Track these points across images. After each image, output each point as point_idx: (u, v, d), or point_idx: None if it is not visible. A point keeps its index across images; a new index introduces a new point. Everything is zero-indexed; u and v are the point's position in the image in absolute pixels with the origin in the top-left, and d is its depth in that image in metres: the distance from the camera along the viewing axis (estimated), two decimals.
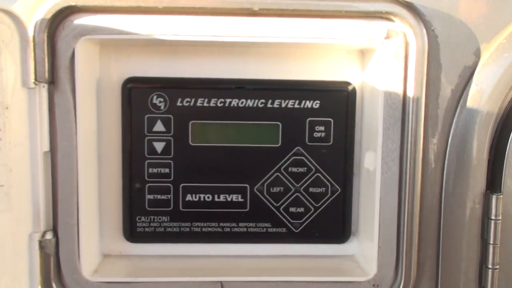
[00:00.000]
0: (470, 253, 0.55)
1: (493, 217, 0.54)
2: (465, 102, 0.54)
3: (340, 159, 0.58)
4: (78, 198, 0.53)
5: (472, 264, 0.56)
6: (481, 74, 0.54)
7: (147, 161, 0.57)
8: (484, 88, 0.54)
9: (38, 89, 0.51)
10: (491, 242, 0.54)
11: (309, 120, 0.58)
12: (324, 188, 0.59)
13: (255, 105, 0.57)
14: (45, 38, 0.50)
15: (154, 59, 0.57)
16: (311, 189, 0.59)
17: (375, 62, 0.55)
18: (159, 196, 0.58)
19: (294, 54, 0.58)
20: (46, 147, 0.52)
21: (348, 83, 0.58)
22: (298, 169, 0.58)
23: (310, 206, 0.59)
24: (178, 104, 0.57)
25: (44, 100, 0.51)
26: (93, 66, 0.55)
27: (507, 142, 0.54)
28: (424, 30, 0.53)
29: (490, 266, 0.55)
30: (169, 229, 0.59)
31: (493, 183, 0.55)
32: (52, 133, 0.52)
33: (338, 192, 0.59)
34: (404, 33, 0.53)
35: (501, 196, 0.54)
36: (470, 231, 0.55)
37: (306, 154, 0.58)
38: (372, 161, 0.55)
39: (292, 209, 0.59)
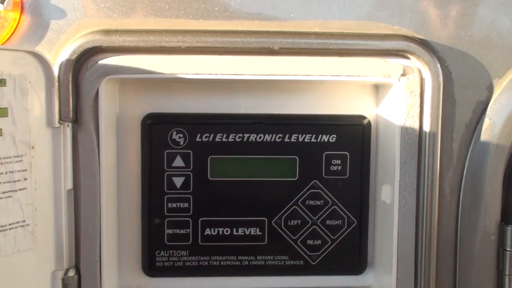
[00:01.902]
0: (486, 285, 0.56)
1: (508, 249, 0.55)
2: (478, 136, 0.56)
3: (356, 191, 0.59)
4: (101, 235, 0.53)
5: None
6: (494, 108, 0.55)
7: (166, 196, 0.58)
8: (497, 122, 0.55)
9: (62, 128, 0.51)
10: (507, 273, 0.55)
11: (326, 154, 0.59)
12: (340, 221, 0.59)
13: (272, 139, 0.58)
14: (70, 78, 0.51)
15: (173, 96, 0.58)
16: (328, 222, 0.59)
17: (390, 98, 0.56)
18: (178, 231, 0.58)
19: (309, 89, 0.59)
20: (69, 185, 0.52)
21: (364, 117, 0.59)
22: (315, 202, 0.59)
23: (327, 239, 0.60)
24: (197, 139, 0.57)
25: (68, 139, 0.52)
26: (114, 103, 0.56)
27: None
28: (439, 66, 0.54)
29: None
30: (188, 263, 0.59)
31: (508, 215, 0.56)
32: (75, 171, 0.53)
33: (355, 224, 0.60)
34: (419, 69, 0.54)
35: None
36: (486, 263, 0.56)
37: (322, 187, 0.59)
38: (389, 194, 0.56)
39: (309, 242, 0.60)
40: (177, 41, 0.52)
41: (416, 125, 0.54)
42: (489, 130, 0.55)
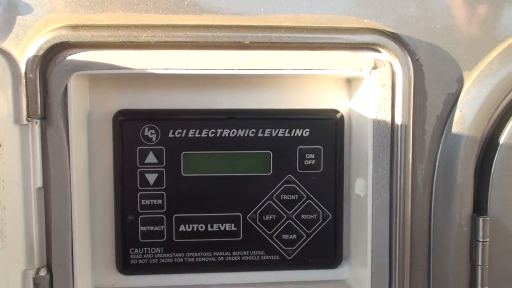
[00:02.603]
0: (459, 275, 0.57)
1: (480, 239, 0.56)
2: (450, 128, 0.56)
3: (330, 185, 0.59)
4: (73, 234, 0.53)
5: (462, 286, 0.57)
6: (465, 100, 0.56)
7: (139, 193, 0.57)
8: (467, 114, 0.56)
9: (30, 126, 0.51)
10: (480, 263, 0.56)
11: (300, 148, 0.58)
12: (315, 215, 0.60)
13: (246, 134, 0.58)
14: (38, 74, 0.50)
15: (144, 91, 0.57)
16: (303, 216, 0.59)
17: (362, 91, 0.56)
18: (152, 228, 0.58)
19: (282, 84, 0.59)
20: (39, 183, 0.52)
21: (337, 111, 0.59)
22: (289, 197, 0.59)
23: (302, 233, 0.60)
24: (170, 135, 0.57)
25: (37, 136, 0.51)
26: (84, 100, 0.56)
27: (492, 166, 0.56)
28: (410, 59, 0.54)
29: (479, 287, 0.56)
30: (163, 260, 0.59)
31: (480, 206, 0.56)
32: (45, 169, 0.52)
33: (330, 218, 0.60)
34: (390, 63, 0.54)
35: (488, 218, 0.55)
36: (459, 254, 0.57)
37: (297, 182, 0.59)
38: (363, 187, 0.56)
39: (284, 236, 0.59)
40: (147, 36, 0.51)
41: (388, 118, 0.54)
42: (460, 122, 0.56)
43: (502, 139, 0.56)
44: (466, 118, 0.56)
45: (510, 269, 0.56)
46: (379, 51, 0.55)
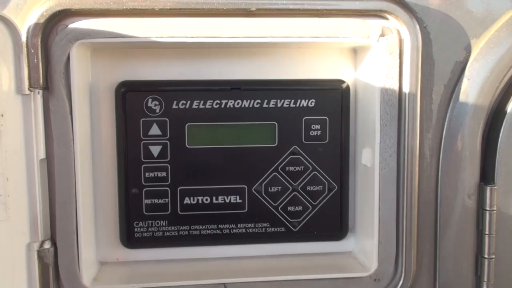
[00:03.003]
0: (466, 244, 0.57)
1: (488, 208, 0.56)
2: (457, 96, 0.56)
3: (336, 156, 0.59)
4: (77, 205, 0.52)
5: (469, 255, 0.57)
6: (472, 68, 0.55)
7: (143, 165, 0.57)
8: (475, 82, 0.55)
9: (32, 96, 0.50)
10: (487, 232, 0.56)
11: (305, 119, 0.58)
12: (321, 186, 0.59)
13: (251, 105, 0.57)
14: (39, 43, 0.49)
15: (147, 62, 0.56)
16: (308, 188, 0.59)
17: (369, 60, 0.56)
18: (156, 201, 0.57)
19: (287, 54, 0.58)
20: (42, 154, 0.51)
21: (342, 81, 0.58)
22: (295, 168, 0.58)
23: (308, 205, 0.59)
24: (174, 106, 0.56)
25: (39, 106, 0.50)
26: (86, 70, 0.55)
27: (499, 134, 0.55)
28: (418, 27, 0.54)
29: (486, 256, 0.56)
30: (168, 233, 0.58)
31: (487, 175, 0.56)
32: (48, 140, 0.51)
33: (335, 189, 0.59)
34: (398, 30, 0.54)
35: (495, 187, 0.55)
36: (465, 223, 0.57)
37: (302, 153, 0.58)
38: (370, 157, 0.56)
39: (290, 208, 0.59)
40: (151, 3, 0.50)
41: (395, 87, 0.54)
42: (467, 90, 0.55)
43: (510, 108, 0.55)
44: (473, 86, 0.55)
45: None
46: (387, 18, 0.54)
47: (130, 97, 0.56)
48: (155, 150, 0.57)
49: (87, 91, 0.55)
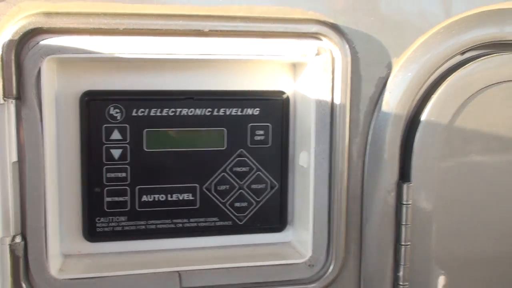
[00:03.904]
0: (387, 234, 0.66)
1: (404, 202, 0.65)
2: (380, 107, 0.65)
3: (277, 158, 0.67)
4: (45, 204, 0.57)
5: (389, 242, 0.67)
6: (393, 83, 0.65)
7: (105, 166, 0.63)
8: (395, 94, 0.64)
9: (6, 105, 0.55)
10: (403, 223, 0.65)
11: (250, 125, 0.66)
12: (264, 185, 0.67)
13: (202, 113, 0.64)
14: (13, 57, 0.54)
15: (109, 74, 0.62)
16: (253, 186, 0.67)
17: (306, 75, 0.64)
18: (117, 198, 0.63)
19: (236, 68, 0.66)
20: (14, 157, 0.56)
21: (283, 92, 0.66)
22: (241, 169, 0.66)
23: (252, 201, 0.67)
24: (133, 114, 0.62)
25: (12, 114, 0.55)
26: (53, 81, 0.60)
27: (414, 139, 0.65)
28: (347, 47, 0.62)
29: (403, 243, 0.66)
30: (127, 228, 0.64)
31: (404, 174, 0.66)
32: (19, 144, 0.56)
33: (276, 187, 0.67)
34: (330, 50, 0.62)
35: (411, 184, 0.65)
36: (386, 215, 0.66)
37: (248, 155, 0.66)
38: (306, 159, 0.64)
39: (237, 204, 0.67)
40: (115, 24, 0.56)
41: (328, 99, 0.62)
42: (389, 102, 0.65)
43: (423, 117, 0.65)
44: (393, 99, 0.65)
45: (429, 226, 0.66)
46: (321, 39, 0.62)
47: (94, 105, 0.61)
48: (116, 153, 0.63)
49: (54, 100, 0.60)
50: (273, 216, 0.68)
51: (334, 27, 0.62)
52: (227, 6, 0.59)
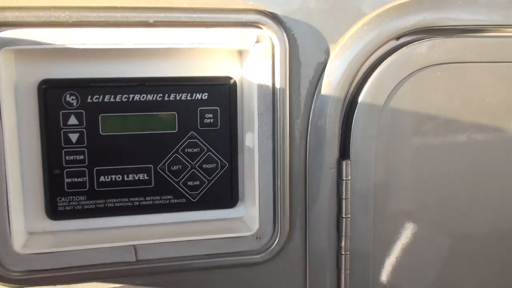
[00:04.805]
0: (329, 207, 0.72)
1: (344, 178, 0.70)
2: (320, 89, 0.70)
3: (226, 139, 0.72)
4: (7, 186, 0.62)
5: (331, 215, 0.72)
6: (331, 67, 0.69)
7: (64, 150, 0.68)
8: (333, 79, 0.69)
9: None
10: (343, 197, 0.71)
11: (200, 109, 0.70)
12: (214, 164, 0.72)
13: (154, 98, 0.69)
14: None
15: (65, 63, 0.67)
16: (204, 165, 0.72)
17: (249, 61, 0.69)
18: (76, 179, 0.68)
19: (185, 55, 0.70)
20: None
21: (230, 78, 0.71)
22: (192, 150, 0.71)
23: (204, 179, 0.72)
24: (89, 100, 0.67)
25: None
26: (11, 71, 0.65)
27: (352, 121, 0.70)
28: (285, 35, 0.67)
29: (343, 216, 0.71)
30: (86, 207, 0.69)
31: (344, 152, 0.71)
32: None
33: (226, 166, 0.72)
34: (270, 38, 0.67)
35: (349, 161, 0.70)
36: (328, 190, 0.71)
37: (198, 137, 0.71)
38: (252, 140, 0.69)
39: (189, 183, 0.72)
40: (64, 16, 0.61)
41: (269, 83, 0.67)
42: (327, 85, 0.69)
43: (360, 99, 0.70)
44: (332, 82, 0.69)
45: (366, 200, 0.71)
46: (261, 28, 0.67)
47: (51, 93, 0.66)
48: (74, 137, 0.68)
49: (13, 89, 0.65)
50: (224, 193, 0.73)
51: (273, 17, 0.67)
52: None
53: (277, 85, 0.67)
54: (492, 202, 0.78)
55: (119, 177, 0.70)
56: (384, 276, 0.75)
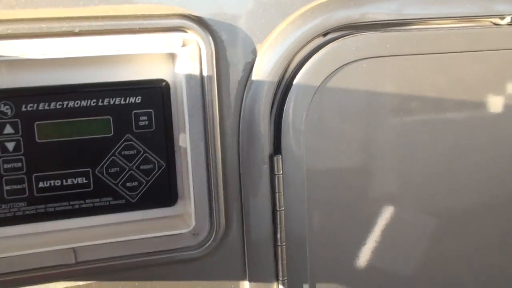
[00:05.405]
0: (264, 201, 0.74)
1: (276, 173, 0.73)
2: (249, 89, 0.72)
3: (162, 140, 0.74)
4: None
5: (267, 209, 0.75)
6: (259, 67, 0.72)
7: (1, 159, 0.69)
8: (261, 78, 0.72)
9: None
10: (277, 191, 0.74)
11: (134, 112, 0.73)
12: (152, 165, 0.74)
13: (88, 104, 0.71)
14: None
15: None
16: (142, 167, 0.74)
17: (178, 64, 0.71)
18: (15, 186, 0.70)
19: (120, 60, 0.72)
20: None
21: (163, 80, 0.73)
22: (129, 152, 0.73)
23: (143, 180, 0.74)
24: (23, 109, 0.69)
25: None
26: None
27: (281, 119, 0.73)
28: (211, 38, 0.69)
29: (278, 209, 0.74)
30: (28, 212, 0.71)
31: (276, 148, 0.74)
32: None
33: (164, 167, 0.75)
34: (196, 41, 0.69)
35: (281, 156, 0.73)
36: (263, 185, 0.74)
37: (134, 140, 0.73)
38: (184, 140, 0.72)
39: (128, 184, 0.74)
40: None
41: (197, 85, 0.70)
42: (256, 84, 0.72)
43: (288, 96, 0.73)
44: (260, 81, 0.72)
45: (298, 193, 0.74)
46: (187, 32, 0.69)
47: None
48: (10, 145, 0.69)
49: None
50: (163, 192, 0.75)
51: (199, 20, 0.69)
52: (96, 6, 0.66)
53: (206, 87, 0.70)
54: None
55: (58, 182, 0.72)
56: (321, 264, 0.78)
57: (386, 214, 0.80)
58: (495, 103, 0.85)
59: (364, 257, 0.81)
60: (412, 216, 0.82)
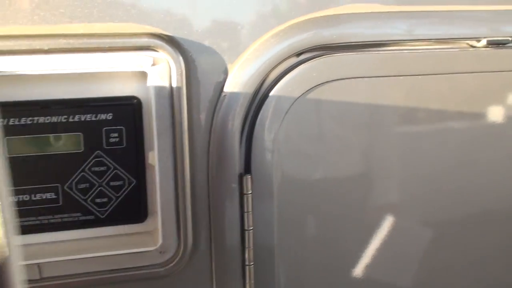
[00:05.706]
0: (233, 220, 0.75)
1: (245, 192, 0.73)
2: (220, 108, 0.72)
3: (132, 157, 0.74)
4: None
5: (236, 228, 0.75)
6: (230, 86, 0.72)
7: None
8: (231, 97, 0.72)
9: None
10: (245, 210, 0.74)
11: (105, 129, 0.73)
12: (122, 181, 0.75)
13: (59, 120, 0.71)
14: None
15: None
16: (111, 183, 0.74)
17: (149, 82, 0.71)
18: None
19: (91, 77, 0.72)
20: None
21: (134, 97, 0.74)
22: (99, 168, 0.74)
23: (112, 196, 0.75)
24: None
25: None
26: None
27: (251, 139, 0.73)
28: (181, 57, 0.70)
29: (247, 228, 0.74)
30: None
31: (245, 167, 0.74)
32: None
33: (134, 183, 0.75)
34: (167, 60, 0.69)
35: (250, 176, 0.73)
36: (232, 204, 0.74)
37: (105, 156, 0.73)
38: (153, 158, 0.72)
39: (98, 200, 0.74)
40: None
41: (167, 104, 0.70)
42: (226, 104, 0.72)
43: (259, 116, 0.73)
44: (230, 100, 0.72)
45: (266, 212, 0.75)
46: (157, 51, 0.70)
47: None
48: None
49: None
50: (133, 209, 0.76)
51: (170, 40, 0.70)
52: (67, 24, 0.66)
53: (175, 106, 0.70)
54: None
55: (26, 197, 0.72)
56: (289, 284, 0.78)
57: (357, 233, 0.80)
58: (472, 125, 0.85)
59: (335, 276, 0.81)
60: (388, 234, 0.82)
